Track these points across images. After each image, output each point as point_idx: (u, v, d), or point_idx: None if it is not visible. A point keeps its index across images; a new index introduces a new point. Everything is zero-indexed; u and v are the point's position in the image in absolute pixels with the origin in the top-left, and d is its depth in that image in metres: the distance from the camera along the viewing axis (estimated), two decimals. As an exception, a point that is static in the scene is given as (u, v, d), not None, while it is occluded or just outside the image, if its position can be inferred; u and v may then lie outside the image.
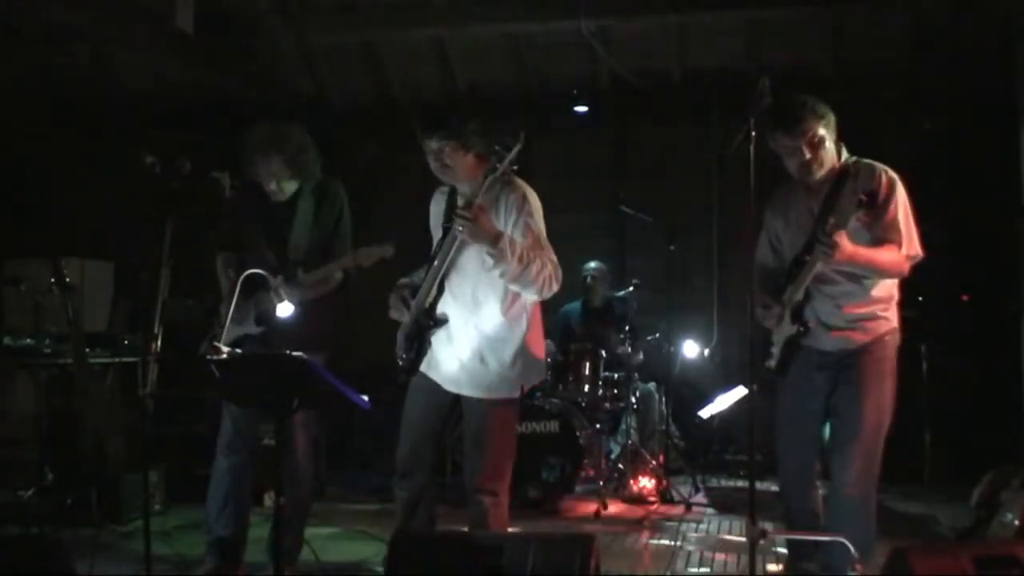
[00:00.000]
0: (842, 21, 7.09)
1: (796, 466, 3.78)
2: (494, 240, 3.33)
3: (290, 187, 4.11)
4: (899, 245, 3.50)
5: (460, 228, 3.33)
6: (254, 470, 4.20)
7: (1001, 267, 6.76)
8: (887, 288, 3.63)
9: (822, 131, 3.50)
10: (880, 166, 3.57)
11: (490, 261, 3.38)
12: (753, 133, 3.21)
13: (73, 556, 3.30)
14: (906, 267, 3.54)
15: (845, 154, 3.63)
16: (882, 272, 3.55)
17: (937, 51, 7.04)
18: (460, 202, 3.48)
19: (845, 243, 3.34)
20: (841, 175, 3.57)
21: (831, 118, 3.54)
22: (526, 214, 3.49)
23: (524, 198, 3.52)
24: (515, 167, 3.37)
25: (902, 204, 3.53)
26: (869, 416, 3.55)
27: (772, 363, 3.72)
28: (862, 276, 3.56)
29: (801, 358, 3.65)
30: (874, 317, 3.59)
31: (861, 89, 7.21)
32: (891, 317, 3.64)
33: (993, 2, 6.56)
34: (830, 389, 3.65)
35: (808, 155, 3.51)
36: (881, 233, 3.50)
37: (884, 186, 3.50)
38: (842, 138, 3.64)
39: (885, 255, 3.49)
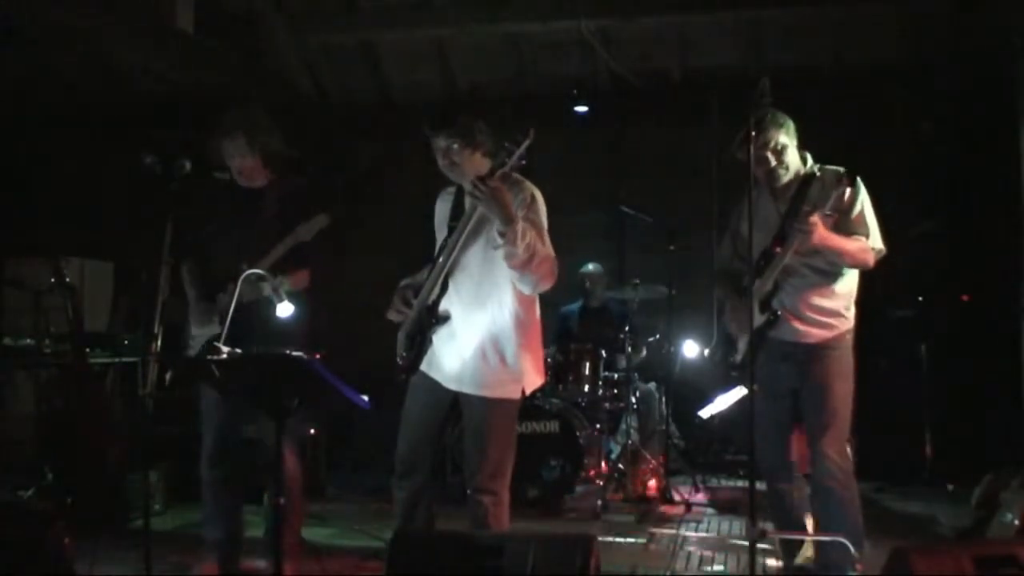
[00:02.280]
0: (842, 21, 7.09)
1: (772, 464, 3.94)
2: (510, 218, 3.33)
3: (256, 169, 4.07)
4: (867, 238, 3.76)
5: (478, 195, 3.31)
6: (243, 474, 4.18)
7: (1001, 267, 6.76)
8: (850, 285, 3.86)
9: (783, 139, 3.80)
10: (843, 169, 3.79)
11: (498, 239, 3.36)
12: (753, 133, 3.33)
13: (73, 556, 3.30)
14: (871, 258, 3.77)
15: (810, 162, 3.89)
16: (850, 260, 3.77)
17: (937, 51, 7.05)
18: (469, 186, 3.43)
19: (820, 226, 3.59)
20: (807, 179, 3.85)
21: (791, 125, 3.83)
22: (533, 212, 3.52)
23: (533, 198, 3.55)
24: (523, 162, 3.37)
25: (867, 202, 3.80)
26: (839, 411, 3.79)
27: (737, 358, 3.93)
28: (828, 270, 3.78)
29: (767, 350, 3.81)
30: (837, 314, 3.82)
31: (861, 89, 7.21)
32: (851, 317, 3.88)
33: (993, 2, 6.56)
34: (797, 385, 3.85)
35: (773, 162, 3.81)
36: (850, 229, 3.75)
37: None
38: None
39: (854, 243, 3.75)
